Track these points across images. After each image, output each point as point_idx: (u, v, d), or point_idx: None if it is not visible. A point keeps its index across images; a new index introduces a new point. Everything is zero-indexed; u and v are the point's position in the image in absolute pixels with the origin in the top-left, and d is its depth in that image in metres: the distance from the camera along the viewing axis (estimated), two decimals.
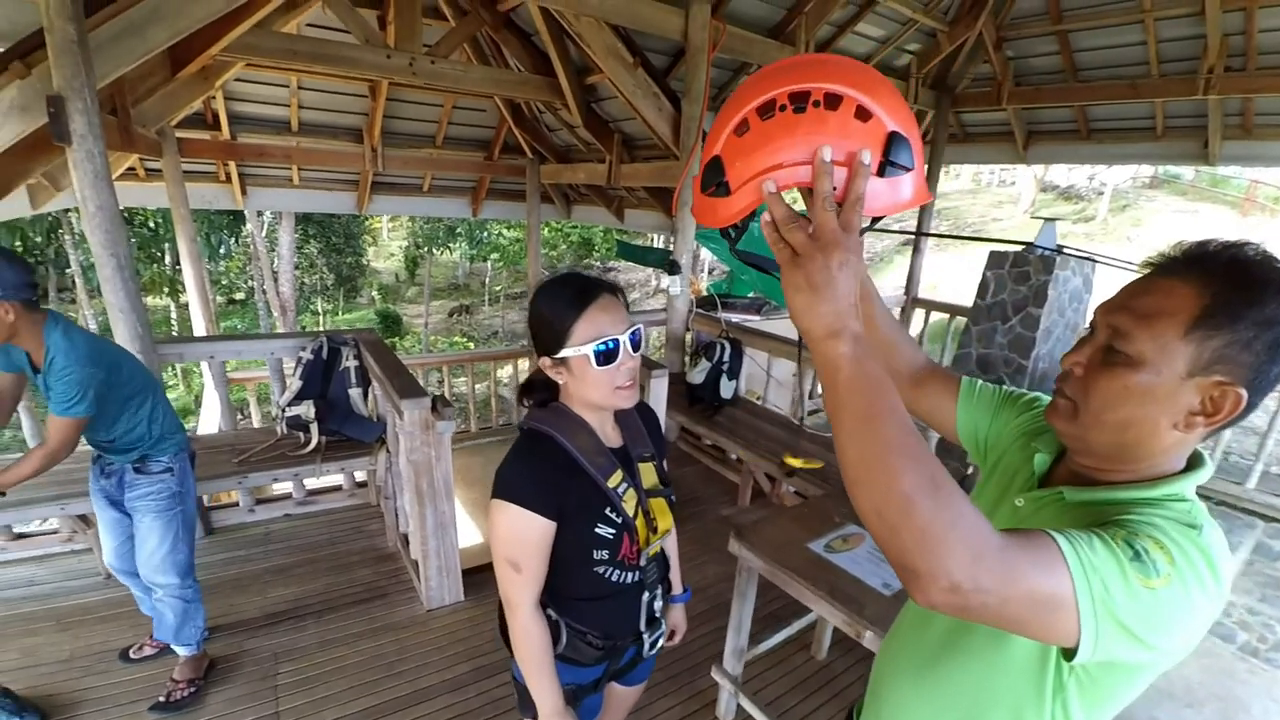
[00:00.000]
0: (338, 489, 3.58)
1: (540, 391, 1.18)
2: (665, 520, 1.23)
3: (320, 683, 2.34)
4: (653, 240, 22.35)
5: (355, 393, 3.22)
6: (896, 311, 6.52)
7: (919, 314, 6.52)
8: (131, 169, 5.23)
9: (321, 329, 18.53)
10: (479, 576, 2.97)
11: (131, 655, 2.34)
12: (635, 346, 1.10)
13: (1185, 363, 0.67)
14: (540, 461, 1.09)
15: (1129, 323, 0.71)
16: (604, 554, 1.14)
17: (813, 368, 3.70)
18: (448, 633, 2.63)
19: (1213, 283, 0.67)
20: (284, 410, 3.12)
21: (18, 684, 2.14)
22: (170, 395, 13.96)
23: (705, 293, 4.91)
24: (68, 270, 12.98)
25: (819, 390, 4.83)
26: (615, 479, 1.13)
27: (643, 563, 1.21)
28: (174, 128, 4.73)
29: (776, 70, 0.67)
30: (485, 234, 18.83)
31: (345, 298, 20.57)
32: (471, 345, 19.27)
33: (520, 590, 1.09)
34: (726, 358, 4.10)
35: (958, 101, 5.89)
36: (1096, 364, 0.74)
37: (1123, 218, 18.29)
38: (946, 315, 6.32)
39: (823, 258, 0.62)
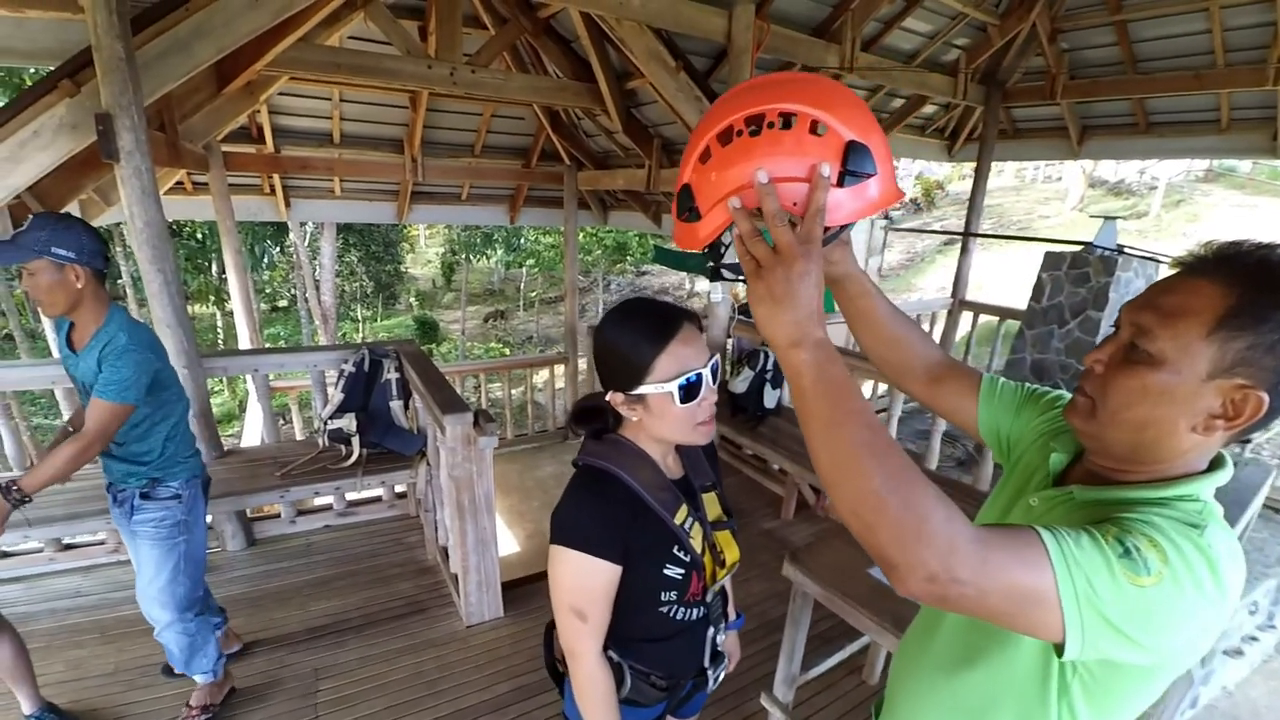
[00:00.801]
0: (378, 500, 3.57)
1: (594, 421, 1.10)
2: (732, 552, 1.14)
3: (361, 700, 2.30)
4: None
5: (396, 405, 3.20)
6: (943, 314, 6.29)
7: (967, 316, 6.28)
8: (179, 183, 5.36)
9: (361, 337, 18.81)
10: (518, 591, 2.92)
11: (176, 670, 2.32)
12: (714, 378, 1.02)
13: (1207, 364, 0.66)
14: (602, 502, 1.01)
15: (1152, 321, 0.70)
16: (672, 595, 1.06)
17: (860, 378, 3.55)
18: (488, 650, 2.58)
19: (1239, 283, 0.65)
20: (326, 423, 3.11)
21: (63, 698, 2.16)
22: (215, 400, 14.41)
23: (746, 299, 4.80)
24: (119, 280, 13.47)
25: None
26: (681, 515, 1.05)
27: (708, 598, 1.13)
28: (220, 142, 4.83)
29: (735, 95, 0.71)
30: (521, 240, 18.97)
31: (384, 304, 20.94)
32: (507, 351, 19.45)
33: (585, 639, 1.01)
34: (770, 366, 3.98)
35: (1008, 96, 5.66)
36: (1118, 362, 0.73)
37: (1177, 213, 17.51)
38: (996, 318, 6.08)
39: (782, 270, 0.65)
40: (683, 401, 0.97)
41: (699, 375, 0.97)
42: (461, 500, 2.54)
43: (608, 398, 1.04)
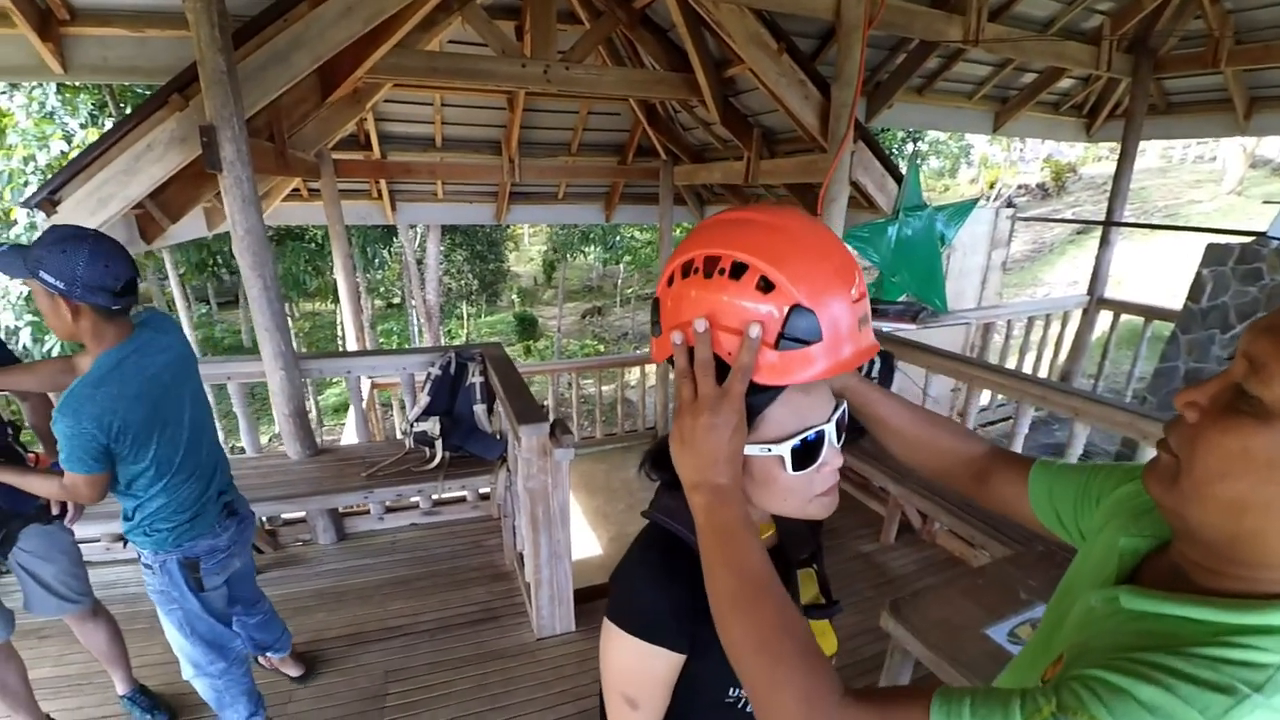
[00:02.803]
0: (462, 500, 3.60)
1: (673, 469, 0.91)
2: (828, 645, 0.92)
3: (425, 709, 2.29)
4: None
5: (480, 409, 3.19)
6: (1077, 313, 5.59)
7: (1105, 316, 5.54)
8: (296, 190, 5.71)
9: (466, 334, 19.50)
10: (593, 604, 2.81)
11: (260, 661, 2.39)
12: (840, 433, 0.78)
13: None
14: (670, 580, 0.80)
15: (1270, 352, 0.47)
16: (740, 691, 0.86)
17: (979, 387, 3.15)
18: (555, 667, 2.49)
19: None
20: (412, 425, 3.15)
21: (155, 680, 2.27)
22: (333, 390, 15.45)
23: None
24: None
25: (975, 407, 4.22)
26: None
27: None
28: (330, 150, 5.08)
29: (708, 226, 0.72)
30: (618, 238, 19.13)
31: (487, 302, 21.78)
32: (602, 347, 19.69)
33: None
34: (875, 373, 3.59)
35: (1160, 66, 4.90)
36: (1219, 409, 0.51)
37: None
38: (1141, 319, 5.33)
39: (691, 418, 0.67)
40: (796, 468, 0.74)
41: (819, 433, 0.74)
42: (536, 512, 2.46)
43: None
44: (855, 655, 2.51)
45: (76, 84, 7.20)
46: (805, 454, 0.74)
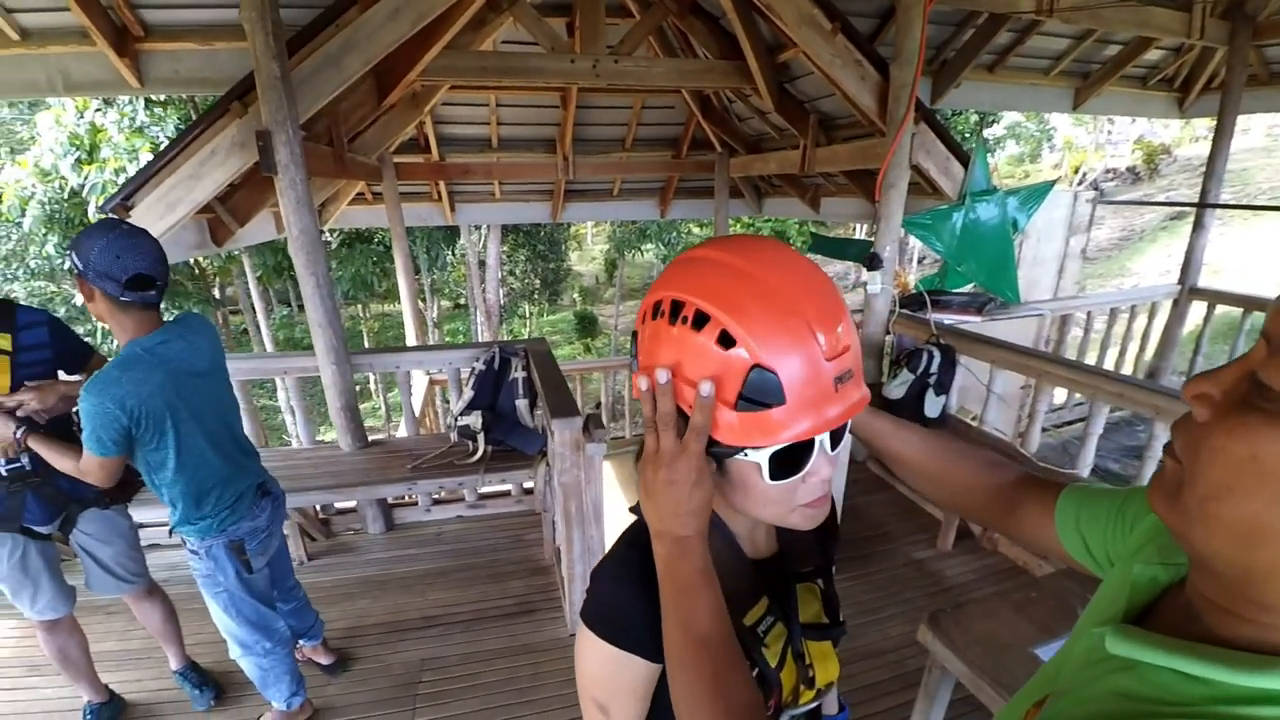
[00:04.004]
0: (507, 494, 3.64)
1: None
2: (827, 670, 0.82)
3: (455, 699, 2.32)
4: (855, 231, 20.88)
5: (522, 404, 3.21)
6: (1166, 304, 5.13)
7: (1198, 308, 5.04)
8: (361, 194, 5.93)
9: (528, 332, 19.83)
10: None
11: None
12: (837, 441, 0.69)
13: None
14: (649, 586, 0.72)
15: None
16: None
17: (1048, 383, 2.93)
18: None
19: None
20: (456, 419, 3.20)
21: (207, 658, 2.38)
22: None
23: (913, 289, 4.23)
24: None
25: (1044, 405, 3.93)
26: (755, 612, 0.76)
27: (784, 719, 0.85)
28: (392, 154, 5.24)
29: (678, 264, 0.68)
30: (675, 234, 19.03)
31: (549, 301, 22.13)
32: None
33: None
34: (935, 368, 3.43)
35: (1260, 32, 4.39)
36: (1232, 404, 0.40)
37: None
38: (1239, 310, 4.83)
39: (652, 470, 0.66)
40: (775, 477, 0.66)
41: (811, 440, 0.65)
42: (569, 507, 2.45)
43: None
44: (901, 667, 2.37)
45: (162, 98, 7.73)
46: (788, 461, 0.66)
